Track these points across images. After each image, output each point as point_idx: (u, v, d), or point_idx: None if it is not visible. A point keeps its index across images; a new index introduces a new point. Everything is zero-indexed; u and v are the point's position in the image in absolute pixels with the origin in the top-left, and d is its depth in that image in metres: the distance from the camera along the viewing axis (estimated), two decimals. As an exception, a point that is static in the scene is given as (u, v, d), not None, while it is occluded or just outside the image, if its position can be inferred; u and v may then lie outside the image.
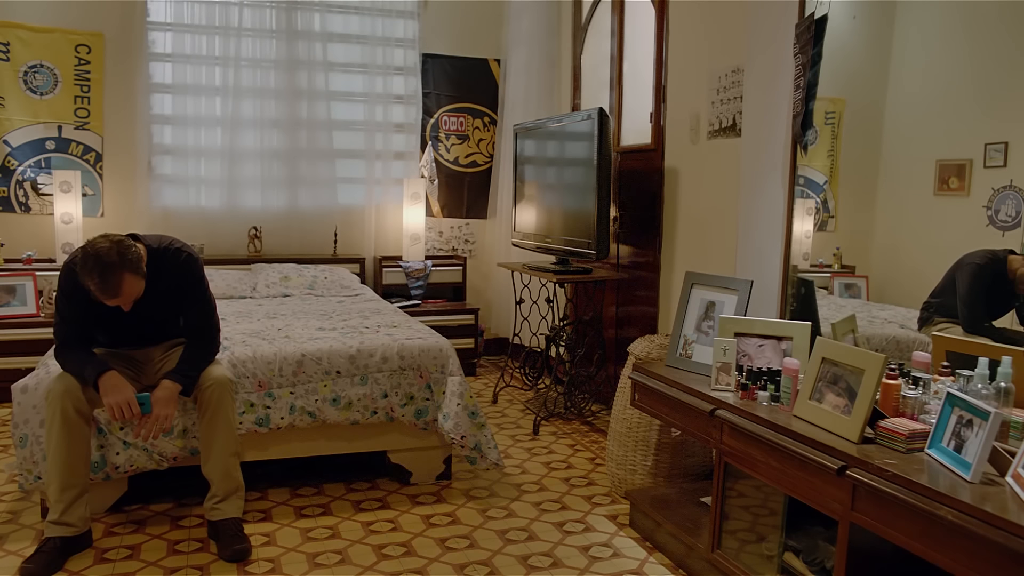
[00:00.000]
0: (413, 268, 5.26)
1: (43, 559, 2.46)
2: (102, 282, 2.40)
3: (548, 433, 4.02)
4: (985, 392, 1.81)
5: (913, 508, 1.64)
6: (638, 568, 2.60)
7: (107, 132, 4.90)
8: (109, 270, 2.39)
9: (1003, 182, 2.15)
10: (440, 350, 3.23)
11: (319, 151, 5.28)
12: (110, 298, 2.46)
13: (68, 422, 2.52)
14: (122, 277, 2.43)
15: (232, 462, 2.71)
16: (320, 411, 3.02)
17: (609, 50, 4.57)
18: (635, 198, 4.18)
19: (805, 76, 2.60)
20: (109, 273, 2.39)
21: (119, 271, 2.41)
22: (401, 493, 3.17)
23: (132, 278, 2.46)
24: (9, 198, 4.75)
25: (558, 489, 3.26)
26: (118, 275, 2.42)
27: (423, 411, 3.16)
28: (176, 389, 2.63)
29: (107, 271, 2.39)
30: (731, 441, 2.28)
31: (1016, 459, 1.64)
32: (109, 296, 2.45)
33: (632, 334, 3.98)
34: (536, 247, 4.45)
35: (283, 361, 3.01)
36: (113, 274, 2.40)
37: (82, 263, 2.41)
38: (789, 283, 2.78)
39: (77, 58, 4.79)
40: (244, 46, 5.07)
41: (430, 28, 5.48)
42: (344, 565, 2.57)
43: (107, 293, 2.43)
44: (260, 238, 5.16)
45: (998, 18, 2.26)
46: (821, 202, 2.82)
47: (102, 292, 2.43)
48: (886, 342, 2.55)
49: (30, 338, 4.29)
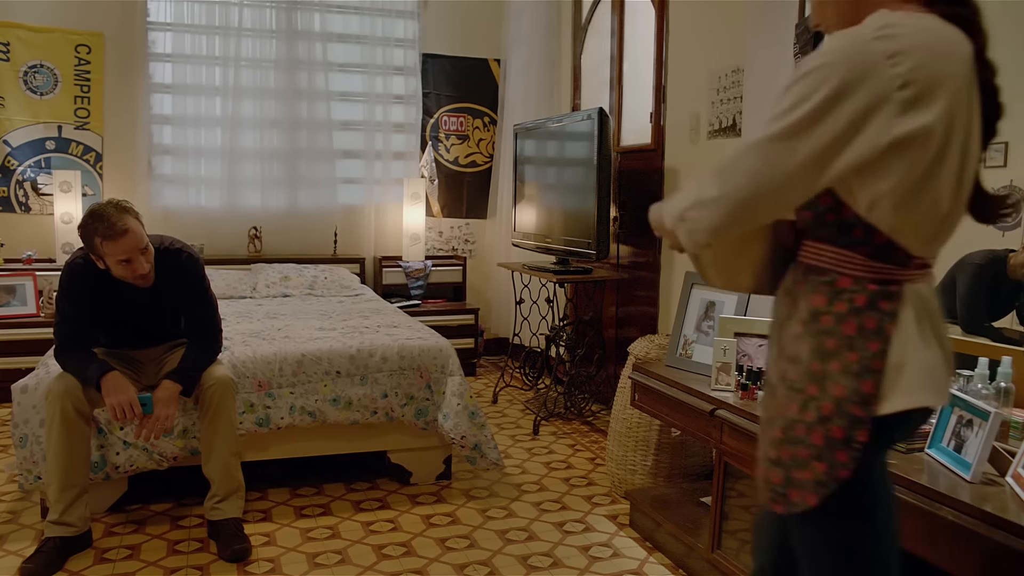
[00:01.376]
0: (413, 268, 5.26)
1: (43, 559, 2.46)
2: (109, 225, 2.46)
3: (548, 433, 4.02)
4: (985, 392, 1.81)
5: (913, 508, 1.64)
6: (638, 568, 2.60)
7: (107, 132, 4.90)
8: (115, 213, 2.49)
9: (1003, 182, 2.15)
10: (440, 350, 3.23)
11: (319, 151, 5.28)
12: (118, 238, 2.47)
13: (68, 422, 2.52)
14: (126, 220, 2.50)
15: (233, 462, 2.72)
16: (320, 411, 3.02)
17: (609, 50, 4.57)
18: (635, 198, 4.18)
19: (805, 76, 2.59)
20: (115, 217, 2.48)
21: (123, 215, 2.50)
22: (401, 493, 3.17)
23: (136, 225, 2.53)
24: (9, 198, 4.75)
25: (558, 489, 3.26)
26: (123, 219, 2.49)
27: (423, 411, 3.16)
28: (177, 389, 2.63)
29: (112, 215, 2.48)
30: (731, 441, 2.28)
31: (1016, 459, 1.64)
32: (117, 235, 2.47)
33: (632, 334, 3.98)
34: (536, 247, 4.45)
35: (283, 361, 3.01)
36: (119, 218, 2.48)
37: (87, 218, 2.50)
38: (789, 283, 2.78)
39: (77, 58, 4.80)
40: (244, 46, 5.07)
41: (430, 28, 5.48)
42: (344, 565, 2.57)
43: (115, 233, 2.47)
44: (260, 238, 5.16)
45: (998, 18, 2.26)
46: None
47: (110, 232, 2.46)
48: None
49: (30, 338, 4.29)
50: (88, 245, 2.54)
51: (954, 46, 1.16)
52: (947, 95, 1.13)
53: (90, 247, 2.54)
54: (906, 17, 1.16)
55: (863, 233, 1.20)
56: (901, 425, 1.23)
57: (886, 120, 1.11)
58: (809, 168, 1.14)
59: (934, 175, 1.15)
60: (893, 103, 1.11)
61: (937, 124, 1.12)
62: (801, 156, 1.13)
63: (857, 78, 1.11)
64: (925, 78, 1.11)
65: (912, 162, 1.14)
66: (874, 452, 1.22)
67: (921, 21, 1.16)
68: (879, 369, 1.18)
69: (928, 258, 1.24)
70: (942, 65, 1.13)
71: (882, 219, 1.17)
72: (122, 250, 2.50)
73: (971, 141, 1.19)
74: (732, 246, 1.35)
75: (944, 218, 1.20)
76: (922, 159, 1.14)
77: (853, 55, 1.12)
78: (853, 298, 1.20)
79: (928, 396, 1.21)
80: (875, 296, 1.20)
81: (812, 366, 1.22)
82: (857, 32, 1.15)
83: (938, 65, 1.13)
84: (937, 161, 1.15)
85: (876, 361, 1.18)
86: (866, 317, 1.19)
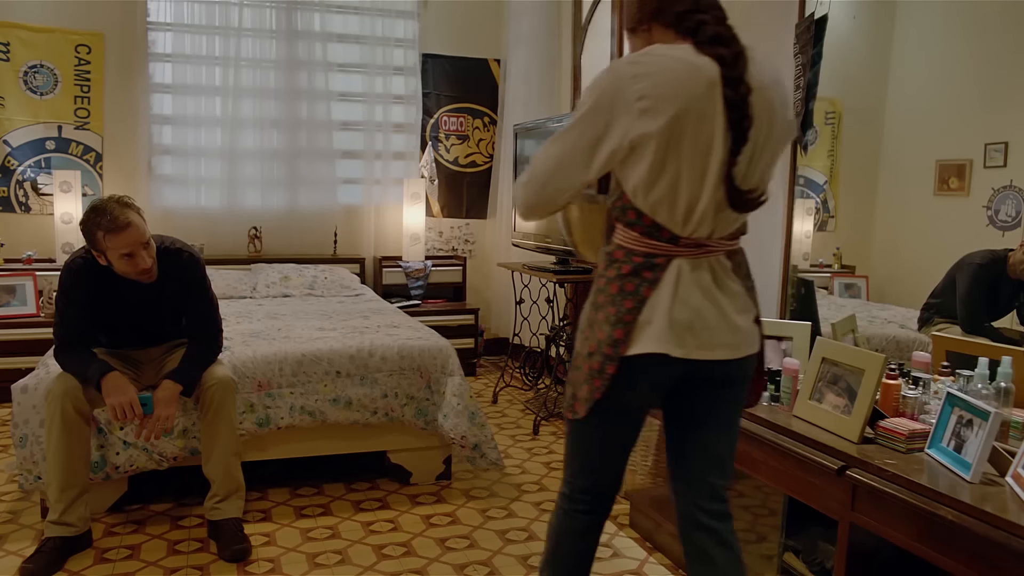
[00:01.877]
0: (413, 268, 5.27)
1: (43, 559, 2.46)
2: (112, 219, 2.47)
3: (548, 433, 4.02)
4: (985, 392, 1.81)
5: (913, 508, 1.64)
6: (638, 568, 2.60)
7: (107, 132, 4.90)
8: (117, 207, 2.50)
9: (1003, 182, 2.15)
10: (440, 350, 3.23)
11: (319, 151, 5.28)
12: (121, 231, 2.48)
13: (68, 422, 2.52)
14: (128, 214, 2.51)
15: (233, 462, 2.71)
16: (321, 411, 3.02)
17: (609, 50, 4.57)
18: (635, 198, 4.18)
19: (805, 76, 2.60)
20: (117, 211, 2.49)
21: (125, 209, 2.52)
22: (401, 493, 3.17)
23: (138, 219, 2.54)
24: (9, 198, 4.75)
25: (558, 489, 3.25)
26: (125, 213, 2.50)
27: (424, 411, 3.16)
28: (177, 389, 2.63)
29: (114, 209, 2.49)
30: (731, 441, 2.28)
31: (1016, 459, 1.64)
32: (120, 229, 2.47)
33: (632, 334, 3.98)
34: (536, 247, 4.45)
35: (283, 361, 3.01)
36: (121, 212, 2.49)
37: (89, 212, 2.51)
38: (789, 283, 2.78)
39: (77, 58, 4.80)
40: (244, 46, 5.07)
41: (430, 28, 5.48)
42: (344, 565, 2.57)
43: (118, 227, 2.47)
44: (260, 238, 5.16)
45: (998, 18, 2.26)
46: (821, 202, 2.82)
47: (113, 226, 2.47)
48: (886, 342, 2.55)
49: (30, 338, 4.29)
50: (90, 240, 2.54)
51: (694, 71, 1.46)
52: (676, 107, 1.44)
53: (92, 242, 2.53)
54: (659, 47, 1.51)
55: (635, 215, 1.55)
56: (647, 367, 1.55)
57: (628, 124, 1.46)
58: (580, 157, 1.52)
59: (667, 169, 1.48)
60: (633, 111, 1.46)
61: (662, 130, 1.45)
62: (575, 148, 1.53)
63: (610, 92, 1.48)
64: (659, 94, 1.44)
65: (647, 158, 1.48)
66: (624, 383, 1.57)
67: (671, 51, 1.49)
68: (630, 321, 1.54)
69: (700, 239, 1.55)
70: (676, 85, 1.45)
71: (641, 203, 1.53)
72: (124, 244, 2.50)
73: (713, 144, 1.48)
74: (587, 225, 1.75)
75: (689, 205, 1.51)
76: (654, 155, 1.47)
77: (610, 76, 1.50)
78: (621, 267, 1.57)
79: (667, 347, 1.52)
80: (639, 266, 1.55)
81: (589, 314, 1.62)
82: (618, 60, 1.54)
83: (672, 85, 1.45)
84: (668, 157, 1.47)
85: (628, 316, 1.54)
86: (627, 282, 1.55)
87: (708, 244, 1.55)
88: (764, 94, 1.50)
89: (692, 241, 1.54)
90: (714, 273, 1.56)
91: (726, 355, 1.57)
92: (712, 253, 1.56)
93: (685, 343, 1.53)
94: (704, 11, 1.53)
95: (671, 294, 1.52)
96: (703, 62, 1.47)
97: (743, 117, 1.47)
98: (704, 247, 1.55)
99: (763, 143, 1.52)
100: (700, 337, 1.54)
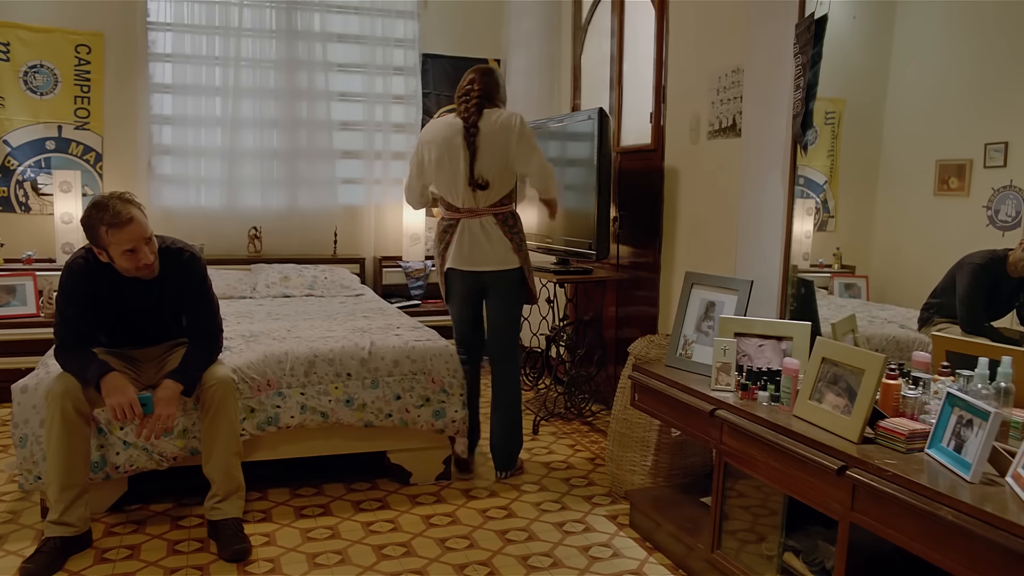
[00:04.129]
0: (413, 268, 5.27)
1: (43, 559, 2.46)
2: (114, 214, 2.47)
3: (548, 433, 4.02)
4: (985, 392, 1.81)
5: (913, 508, 1.64)
6: (638, 568, 2.60)
7: (107, 132, 4.90)
8: (119, 203, 2.51)
9: (1003, 182, 2.15)
10: (452, 353, 3.24)
11: (319, 151, 5.28)
12: (123, 226, 2.48)
13: (68, 422, 2.52)
14: (131, 209, 2.51)
15: (233, 462, 2.72)
16: (333, 412, 3.02)
17: (609, 50, 4.57)
18: (635, 198, 4.18)
19: (805, 76, 2.60)
20: (119, 206, 2.50)
21: (127, 204, 2.52)
22: (401, 493, 3.17)
23: (140, 214, 2.54)
24: (9, 198, 4.75)
25: (558, 489, 3.26)
26: (127, 208, 2.51)
27: (440, 412, 3.16)
28: (178, 389, 2.63)
29: (116, 204, 2.50)
30: (731, 441, 2.28)
31: (1016, 459, 1.64)
32: (123, 224, 2.48)
33: (632, 334, 3.99)
34: (536, 247, 4.44)
35: (294, 360, 3.01)
36: (123, 207, 2.50)
37: (91, 208, 2.52)
38: (789, 283, 2.78)
39: (77, 58, 4.80)
40: (244, 46, 5.07)
41: (430, 28, 5.48)
42: (344, 565, 2.57)
43: (120, 222, 2.47)
44: (260, 238, 5.17)
45: (998, 18, 2.26)
46: (821, 202, 2.82)
47: (115, 221, 2.47)
48: (886, 342, 2.55)
49: (30, 338, 4.30)
50: (92, 236, 2.53)
51: (447, 127, 3.17)
52: (437, 146, 3.16)
53: (94, 238, 2.53)
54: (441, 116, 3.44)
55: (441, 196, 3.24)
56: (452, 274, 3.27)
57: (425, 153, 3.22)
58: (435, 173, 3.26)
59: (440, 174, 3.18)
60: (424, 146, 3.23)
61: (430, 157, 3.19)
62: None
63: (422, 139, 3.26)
64: (431, 138, 3.20)
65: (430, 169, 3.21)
66: (449, 282, 3.32)
67: (445, 118, 3.24)
68: (443, 253, 3.27)
69: (464, 208, 3.17)
70: (436, 133, 3.19)
71: (437, 189, 3.27)
72: (127, 239, 2.50)
73: (458, 163, 3.11)
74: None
75: (449, 191, 3.18)
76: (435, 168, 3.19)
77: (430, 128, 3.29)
78: (440, 223, 3.29)
79: (454, 264, 3.22)
80: (448, 223, 3.24)
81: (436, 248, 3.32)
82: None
83: (435, 134, 3.19)
84: (438, 170, 3.18)
85: (443, 248, 3.27)
86: (441, 232, 3.27)
87: (474, 210, 3.16)
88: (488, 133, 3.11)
89: (467, 209, 3.17)
90: (483, 225, 3.17)
91: (487, 268, 3.19)
92: (481, 215, 3.17)
93: (464, 264, 3.21)
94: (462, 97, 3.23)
95: (458, 240, 3.20)
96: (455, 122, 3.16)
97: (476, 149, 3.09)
98: (472, 212, 3.16)
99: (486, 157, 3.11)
100: (472, 259, 3.19)
